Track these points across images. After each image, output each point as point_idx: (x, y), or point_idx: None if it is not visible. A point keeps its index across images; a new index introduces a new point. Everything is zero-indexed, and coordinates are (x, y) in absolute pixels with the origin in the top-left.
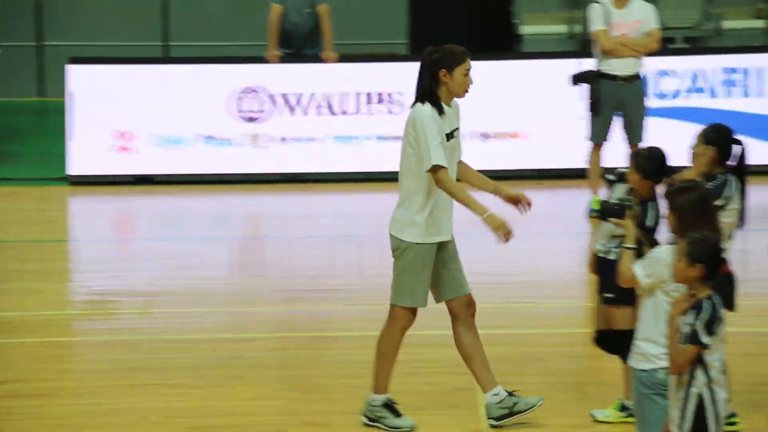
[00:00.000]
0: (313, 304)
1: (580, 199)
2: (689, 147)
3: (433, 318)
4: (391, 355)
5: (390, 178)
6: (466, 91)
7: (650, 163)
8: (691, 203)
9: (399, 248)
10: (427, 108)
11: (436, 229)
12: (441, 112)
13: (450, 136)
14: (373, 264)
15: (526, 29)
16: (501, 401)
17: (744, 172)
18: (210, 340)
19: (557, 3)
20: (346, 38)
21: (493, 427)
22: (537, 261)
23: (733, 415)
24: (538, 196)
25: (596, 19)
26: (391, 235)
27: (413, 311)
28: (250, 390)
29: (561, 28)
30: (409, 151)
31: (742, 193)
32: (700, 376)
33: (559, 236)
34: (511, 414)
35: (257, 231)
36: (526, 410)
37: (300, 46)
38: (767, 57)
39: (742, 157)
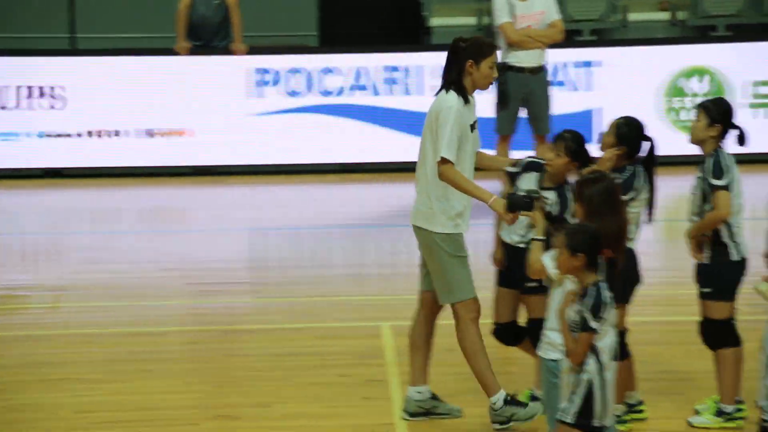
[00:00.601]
0: (224, 297)
1: None
2: (599, 137)
3: (341, 310)
4: (481, 351)
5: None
6: (490, 84)
7: (577, 145)
8: (598, 194)
9: (430, 241)
10: (453, 97)
11: (464, 220)
12: (467, 101)
13: (472, 127)
14: (284, 256)
15: (434, 21)
16: (422, 401)
17: (653, 164)
18: (121, 334)
19: None
20: (257, 30)
21: (404, 419)
22: None
23: (640, 402)
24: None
25: (501, 12)
26: (417, 228)
27: (474, 300)
28: (162, 384)
29: (470, 20)
30: (433, 141)
31: (651, 185)
32: (591, 363)
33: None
34: (426, 414)
35: (168, 224)
36: (443, 414)
37: (209, 38)
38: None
39: (651, 150)
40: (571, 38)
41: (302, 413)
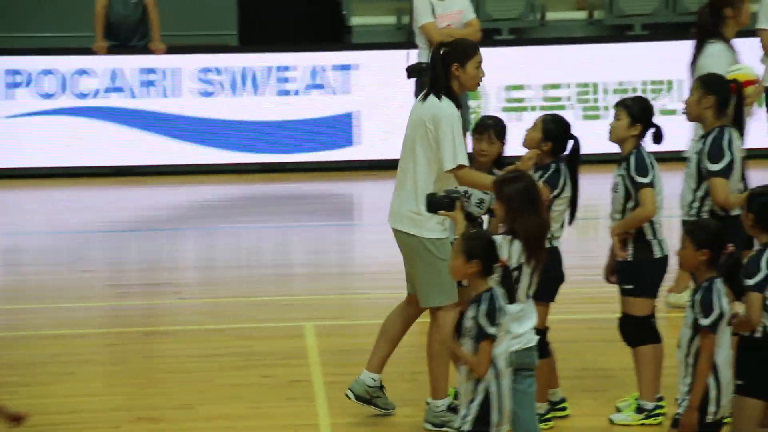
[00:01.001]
0: (144, 299)
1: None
2: (525, 134)
3: (263, 311)
4: (445, 356)
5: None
6: (478, 85)
7: (503, 128)
8: (518, 193)
9: (415, 246)
10: (447, 104)
11: (449, 224)
12: (459, 105)
13: None
14: (202, 257)
15: (354, 20)
16: (371, 388)
17: (577, 163)
18: (41, 336)
19: None
20: (176, 29)
21: (348, 397)
22: (372, 252)
23: (563, 400)
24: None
25: (423, 11)
26: (403, 233)
27: (455, 305)
28: (83, 386)
29: (390, 19)
30: (425, 146)
31: (574, 183)
32: (488, 370)
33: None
34: (368, 402)
35: (85, 225)
36: (380, 407)
37: (128, 37)
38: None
39: (575, 148)
40: (490, 38)
41: (225, 414)
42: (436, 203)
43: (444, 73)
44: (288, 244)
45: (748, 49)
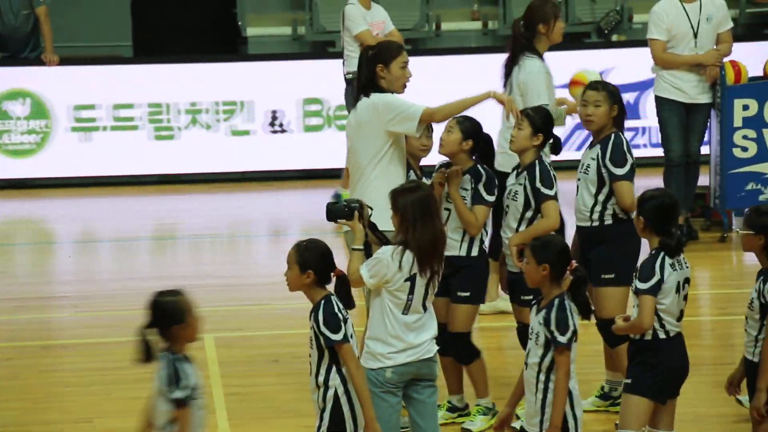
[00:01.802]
0: (40, 312)
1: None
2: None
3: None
4: None
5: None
6: (404, 86)
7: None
8: (412, 204)
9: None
10: (378, 94)
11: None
12: None
13: None
14: (103, 269)
15: (250, 31)
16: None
17: (492, 160)
18: None
19: (279, 4)
20: (71, 40)
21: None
22: (267, 263)
23: (467, 406)
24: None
25: (358, 20)
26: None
27: None
28: None
29: (285, 30)
30: (372, 136)
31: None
32: (335, 376)
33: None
34: None
35: None
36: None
37: (18, 48)
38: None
39: (489, 146)
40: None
41: (124, 428)
42: (335, 212)
43: (370, 73)
44: (186, 256)
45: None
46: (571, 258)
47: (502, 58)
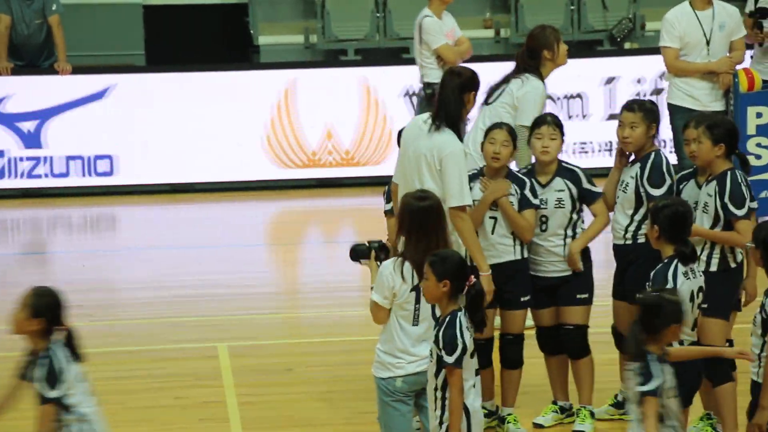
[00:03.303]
0: None
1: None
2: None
3: (177, 332)
4: None
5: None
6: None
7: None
8: (411, 215)
9: None
10: (454, 138)
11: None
12: (461, 139)
13: None
14: (116, 279)
15: (262, 39)
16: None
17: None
18: None
19: (291, 12)
20: (84, 50)
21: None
22: (285, 271)
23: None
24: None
25: (438, 34)
26: None
27: None
28: None
29: (298, 38)
30: (429, 178)
31: None
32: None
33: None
34: None
35: None
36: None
37: (33, 57)
38: None
39: None
40: (337, 58)
41: None
42: (357, 253)
43: (457, 104)
44: (200, 265)
45: None
46: (469, 274)
47: (513, 66)
